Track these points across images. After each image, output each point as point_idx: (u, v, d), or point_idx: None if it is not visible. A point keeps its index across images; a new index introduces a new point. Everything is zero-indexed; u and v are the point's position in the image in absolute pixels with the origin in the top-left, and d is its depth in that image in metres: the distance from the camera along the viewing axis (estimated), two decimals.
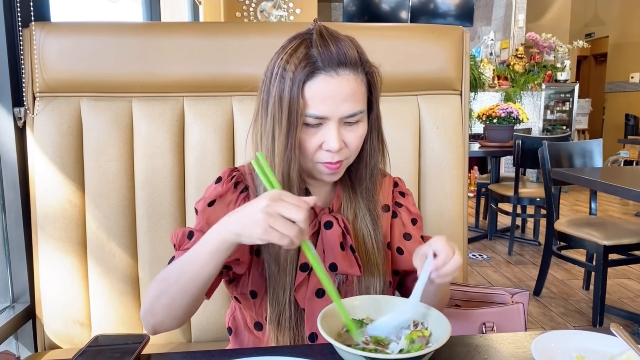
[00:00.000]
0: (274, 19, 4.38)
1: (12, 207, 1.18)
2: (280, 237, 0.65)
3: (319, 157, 0.80)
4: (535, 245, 3.92)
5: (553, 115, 5.99)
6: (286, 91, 0.76)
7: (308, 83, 0.76)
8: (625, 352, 0.67)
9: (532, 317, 2.63)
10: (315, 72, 0.76)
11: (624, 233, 2.45)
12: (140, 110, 1.20)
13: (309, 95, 0.76)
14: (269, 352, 0.75)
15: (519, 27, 6.25)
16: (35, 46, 1.16)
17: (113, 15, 2.58)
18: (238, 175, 0.87)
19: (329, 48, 0.76)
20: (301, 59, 0.76)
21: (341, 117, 0.77)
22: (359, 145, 0.82)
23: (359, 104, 0.79)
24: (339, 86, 0.76)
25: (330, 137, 0.77)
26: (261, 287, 0.84)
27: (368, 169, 0.87)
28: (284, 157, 0.78)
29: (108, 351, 0.71)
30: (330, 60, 0.75)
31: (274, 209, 0.65)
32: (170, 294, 0.74)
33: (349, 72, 0.77)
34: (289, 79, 0.76)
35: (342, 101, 0.76)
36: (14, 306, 1.21)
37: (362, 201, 0.88)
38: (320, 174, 0.83)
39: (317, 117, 0.77)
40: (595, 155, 2.90)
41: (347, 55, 0.77)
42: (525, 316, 1.02)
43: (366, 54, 0.82)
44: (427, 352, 0.63)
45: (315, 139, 0.79)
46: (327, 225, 0.84)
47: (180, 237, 0.83)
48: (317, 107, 0.76)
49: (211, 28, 1.29)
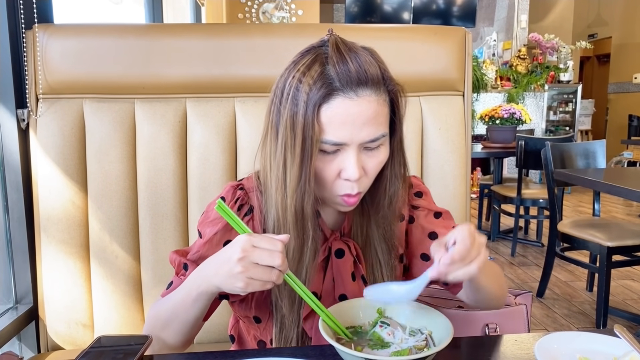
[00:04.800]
0: (276, 20, 4.38)
1: (15, 209, 1.19)
2: (262, 284, 0.64)
3: (337, 189, 0.72)
4: (538, 247, 3.91)
5: (556, 116, 5.98)
6: (299, 114, 0.68)
7: (324, 106, 0.67)
8: (629, 353, 0.66)
9: (535, 319, 2.62)
10: (332, 94, 0.67)
11: (627, 234, 2.44)
12: (143, 112, 1.20)
13: (325, 120, 0.67)
14: (270, 352, 0.75)
15: (522, 28, 6.24)
16: (38, 48, 1.16)
17: (116, 17, 2.59)
18: (242, 196, 0.81)
19: (348, 65, 0.67)
20: (316, 78, 0.67)
21: (361, 143, 0.69)
22: (377, 172, 0.74)
23: (380, 127, 0.70)
24: (359, 109, 0.68)
25: (349, 164, 0.69)
26: (265, 313, 0.81)
27: (387, 196, 0.78)
28: (297, 189, 0.70)
29: (111, 352, 0.71)
30: (349, 80, 0.67)
31: (249, 259, 0.63)
32: (167, 330, 0.77)
33: (370, 92, 0.68)
34: (302, 100, 0.67)
35: (362, 125, 0.68)
36: (17, 307, 1.21)
37: (377, 230, 0.80)
38: (336, 205, 0.76)
39: (335, 143, 0.69)
40: (598, 156, 2.89)
41: (368, 73, 0.68)
42: (528, 318, 1.01)
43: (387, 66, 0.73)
44: (429, 354, 0.63)
45: (332, 166, 0.71)
46: (338, 253, 0.79)
47: (177, 263, 0.81)
48: (335, 132, 0.68)
49: (213, 29, 1.29)
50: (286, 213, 0.72)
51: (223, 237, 0.80)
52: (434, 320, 0.72)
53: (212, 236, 0.79)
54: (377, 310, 0.76)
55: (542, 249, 3.82)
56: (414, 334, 0.72)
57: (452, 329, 0.67)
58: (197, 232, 0.83)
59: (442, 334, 0.68)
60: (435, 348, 0.65)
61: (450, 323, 0.69)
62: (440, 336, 0.69)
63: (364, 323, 0.75)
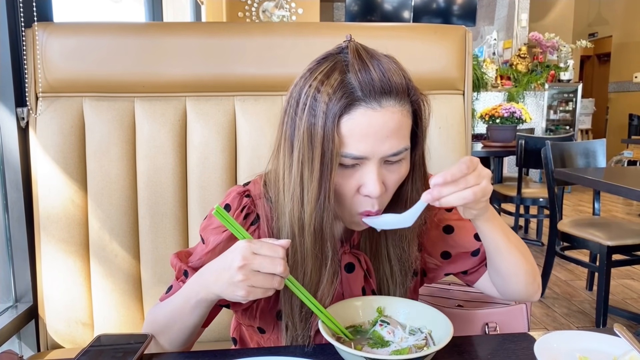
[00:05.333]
0: (276, 19, 4.38)
1: (15, 207, 1.18)
2: (263, 292, 0.62)
3: (356, 206, 0.68)
4: (538, 246, 3.91)
5: (556, 115, 5.98)
6: (318, 126, 0.63)
7: (345, 117, 0.63)
8: (628, 352, 0.66)
9: (535, 318, 2.62)
10: (354, 104, 0.63)
11: (627, 233, 2.44)
12: (143, 110, 1.20)
13: (346, 132, 0.63)
14: (271, 352, 0.75)
15: (522, 27, 6.23)
16: (37, 46, 1.16)
17: (115, 15, 2.58)
18: (249, 205, 0.77)
19: (371, 73, 0.63)
20: (336, 87, 0.63)
21: (383, 157, 0.65)
22: (396, 187, 0.70)
23: (403, 140, 0.66)
24: (382, 120, 0.63)
25: (370, 179, 0.65)
26: (270, 324, 0.79)
27: None
28: (316, 207, 0.66)
29: (110, 351, 0.71)
30: (372, 90, 0.63)
31: (250, 267, 0.60)
32: (166, 335, 0.76)
33: (394, 102, 0.65)
34: (321, 111, 0.63)
35: (385, 138, 0.64)
36: (17, 306, 1.21)
37: (393, 250, 0.76)
38: (352, 225, 0.72)
39: (356, 157, 0.64)
40: (598, 156, 2.89)
41: (392, 81, 0.64)
42: (528, 317, 1.01)
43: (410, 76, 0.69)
44: (429, 353, 0.63)
45: (351, 182, 0.67)
46: (348, 267, 0.76)
47: (178, 269, 0.79)
48: (356, 145, 0.63)
49: (213, 28, 1.29)
50: (303, 232, 0.68)
51: (226, 247, 0.76)
52: (434, 319, 0.72)
53: (215, 246, 0.76)
54: (377, 309, 0.76)
55: (542, 248, 3.82)
56: (413, 332, 0.72)
57: (452, 327, 0.67)
58: (199, 235, 0.81)
59: (441, 333, 0.68)
60: (434, 347, 0.65)
61: (450, 322, 0.69)
62: (439, 335, 0.69)
63: (364, 322, 0.75)
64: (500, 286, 0.81)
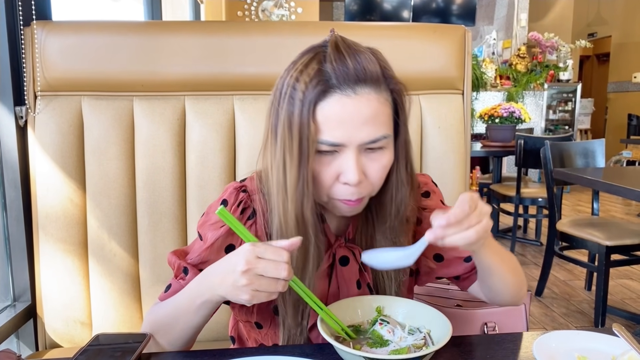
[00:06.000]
0: (276, 18, 4.37)
1: (13, 206, 1.18)
2: (267, 295, 0.63)
3: (335, 192, 0.69)
4: (537, 246, 3.91)
5: (555, 115, 5.98)
6: (296, 114, 0.65)
7: (320, 104, 0.65)
8: (627, 352, 0.66)
9: (533, 318, 2.62)
10: (328, 91, 0.65)
11: (626, 233, 2.44)
12: (142, 109, 1.20)
13: (321, 119, 0.65)
14: (270, 351, 0.75)
15: (522, 27, 6.24)
16: (36, 45, 1.16)
17: (114, 14, 2.58)
18: (245, 200, 0.78)
19: (345, 62, 0.65)
20: (312, 75, 0.65)
21: (360, 144, 0.66)
22: (382, 177, 0.71)
23: (382, 127, 0.67)
24: (357, 107, 0.65)
25: (348, 167, 0.66)
26: (267, 319, 0.79)
27: (394, 204, 0.74)
28: (296, 192, 0.67)
29: (109, 350, 0.71)
30: (346, 77, 0.65)
31: (254, 271, 0.61)
32: (168, 334, 0.76)
33: (370, 90, 0.66)
34: (298, 99, 0.65)
35: (361, 125, 0.65)
36: (15, 305, 1.21)
37: (384, 242, 0.76)
38: (336, 209, 0.72)
39: (332, 144, 0.66)
40: (597, 156, 2.89)
41: (367, 70, 0.66)
42: (527, 316, 1.01)
43: (391, 67, 0.71)
44: (428, 352, 0.63)
45: (330, 169, 0.68)
46: (342, 260, 0.77)
47: (177, 267, 0.79)
48: (332, 132, 0.65)
49: (212, 27, 1.28)
50: (287, 218, 0.69)
51: (225, 242, 0.78)
52: (433, 318, 0.72)
53: (214, 241, 0.77)
54: (376, 308, 0.76)
55: (540, 248, 3.83)
56: (412, 332, 0.72)
57: (451, 327, 0.67)
58: (196, 232, 0.81)
59: (440, 333, 0.68)
60: (433, 347, 0.65)
61: (449, 322, 0.69)
62: (438, 335, 0.69)
63: (363, 321, 0.75)
64: (488, 297, 0.84)
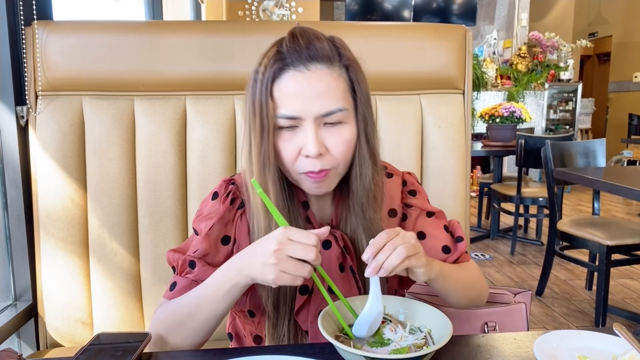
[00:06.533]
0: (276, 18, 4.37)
1: (15, 206, 1.18)
2: (292, 279, 0.65)
3: (300, 166, 0.73)
4: (537, 245, 3.91)
5: (556, 114, 5.98)
6: (257, 94, 0.72)
7: (277, 81, 0.71)
8: (628, 352, 0.66)
9: (534, 317, 2.62)
10: (283, 69, 0.71)
11: (627, 233, 2.44)
12: (142, 109, 1.20)
13: (278, 95, 0.71)
14: (269, 351, 0.75)
15: (522, 26, 6.23)
16: (37, 45, 1.16)
17: (115, 14, 2.58)
18: (234, 190, 0.83)
19: (298, 43, 0.71)
20: (270, 57, 0.72)
21: (316, 116, 0.71)
22: (345, 152, 0.74)
23: (336, 101, 0.72)
24: (309, 81, 0.70)
25: (307, 139, 0.71)
26: (258, 307, 0.81)
27: (359, 180, 0.77)
28: (260, 165, 0.73)
29: (110, 349, 0.71)
30: (298, 55, 0.71)
31: (283, 252, 0.64)
32: (186, 328, 0.75)
33: (322, 66, 0.71)
34: (259, 81, 0.72)
35: (314, 97, 0.70)
36: (17, 304, 1.21)
37: (356, 219, 0.79)
38: (305, 186, 0.76)
39: (289, 117, 0.71)
40: (598, 155, 2.89)
41: (318, 47, 0.71)
42: (527, 316, 1.01)
43: (350, 51, 0.75)
44: (428, 352, 0.63)
45: (292, 144, 0.73)
46: (325, 244, 0.78)
47: (181, 263, 0.80)
48: (288, 106, 0.71)
49: (213, 27, 1.29)
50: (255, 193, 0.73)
51: (221, 232, 0.81)
52: (433, 318, 0.72)
53: (209, 230, 0.80)
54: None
55: (541, 247, 3.82)
56: (413, 331, 0.72)
57: (451, 327, 0.67)
58: (192, 230, 0.84)
59: (441, 332, 0.68)
60: (434, 346, 0.65)
61: (450, 321, 0.69)
62: (439, 334, 0.69)
63: None
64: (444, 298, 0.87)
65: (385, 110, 1.25)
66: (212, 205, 0.83)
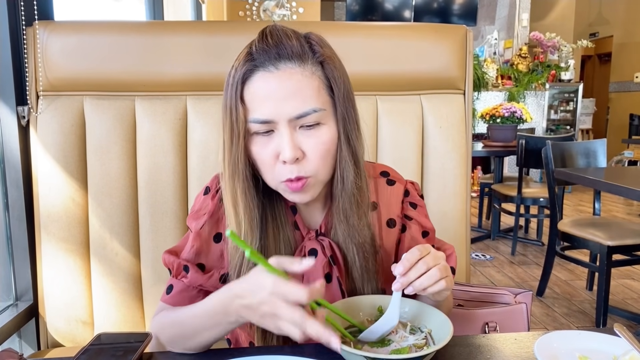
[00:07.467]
0: (277, 18, 4.37)
1: (16, 206, 1.19)
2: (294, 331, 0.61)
3: (279, 174, 0.69)
4: (538, 246, 3.91)
5: (557, 115, 5.97)
6: (228, 97, 0.68)
7: (247, 84, 0.68)
8: (628, 352, 0.66)
9: (535, 318, 2.62)
10: (253, 70, 0.67)
11: (627, 233, 2.44)
12: (143, 109, 1.20)
13: (249, 98, 0.67)
14: (269, 351, 0.75)
15: (523, 27, 6.23)
16: (38, 45, 1.16)
17: (116, 14, 2.58)
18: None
19: (267, 42, 0.67)
20: (240, 59, 0.69)
21: (290, 119, 0.66)
22: (324, 155, 0.69)
23: (310, 101, 0.67)
24: (279, 82, 0.66)
25: (283, 144, 0.66)
26: None
27: (341, 185, 0.73)
28: (229, 172, 0.70)
29: (110, 349, 0.71)
30: (267, 55, 0.66)
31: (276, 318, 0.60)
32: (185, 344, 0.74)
33: (293, 65, 0.66)
34: (230, 84, 0.69)
35: (286, 98, 0.66)
36: (17, 304, 1.21)
37: (339, 226, 0.75)
38: (286, 194, 0.72)
39: (261, 121, 0.66)
40: (599, 155, 2.89)
41: (287, 45, 0.66)
42: (528, 316, 1.01)
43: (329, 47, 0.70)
44: (429, 352, 0.63)
45: (268, 150, 0.68)
46: (311, 253, 0.76)
47: (176, 266, 0.79)
48: (260, 110, 0.66)
49: (214, 27, 1.29)
50: (228, 197, 0.72)
51: (212, 230, 0.80)
52: (434, 318, 0.72)
53: (200, 229, 0.79)
54: (378, 308, 0.76)
55: (542, 247, 3.82)
56: (413, 332, 0.72)
57: (452, 327, 0.67)
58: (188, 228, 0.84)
59: (441, 333, 0.68)
60: (434, 346, 0.65)
61: (450, 321, 0.69)
62: (439, 334, 0.69)
63: (363, 321, 0.75)
64: None
65: (385, 111, 1.25)
66: (203, 200, 0.82)
